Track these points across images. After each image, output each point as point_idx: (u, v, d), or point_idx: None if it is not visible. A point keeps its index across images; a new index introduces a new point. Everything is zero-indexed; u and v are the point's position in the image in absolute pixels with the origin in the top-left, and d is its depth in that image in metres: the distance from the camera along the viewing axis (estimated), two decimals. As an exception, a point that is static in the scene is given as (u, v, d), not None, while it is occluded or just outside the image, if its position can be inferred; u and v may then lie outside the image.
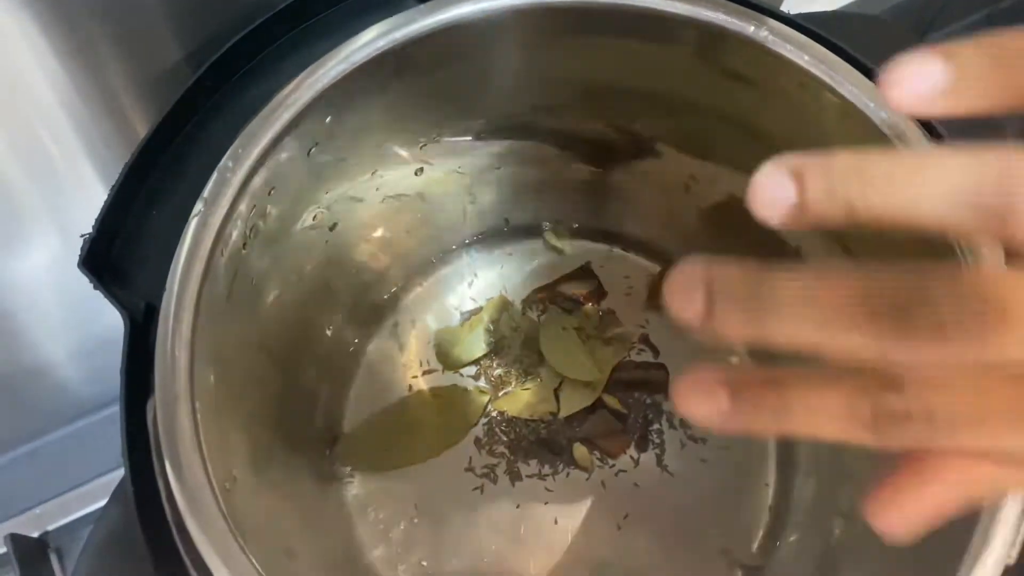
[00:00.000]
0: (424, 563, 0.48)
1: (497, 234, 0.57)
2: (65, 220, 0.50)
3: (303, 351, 0.47)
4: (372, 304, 0.54)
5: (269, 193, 0.38)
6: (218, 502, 0.31)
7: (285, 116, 0.36)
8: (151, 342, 0.36)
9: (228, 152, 0.35)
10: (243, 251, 0.37)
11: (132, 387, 0.35)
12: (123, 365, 0.36)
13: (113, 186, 0.38)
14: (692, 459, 0.51)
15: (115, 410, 0.69)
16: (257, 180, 0.36)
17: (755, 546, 0.49)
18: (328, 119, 0.38)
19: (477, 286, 0.56)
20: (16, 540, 0.60)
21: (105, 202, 0.38)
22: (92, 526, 0.36)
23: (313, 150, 0.39)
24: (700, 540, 0.49)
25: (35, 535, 0.62)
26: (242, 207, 0.36)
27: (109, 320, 0.60)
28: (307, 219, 0.43)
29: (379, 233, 0.51)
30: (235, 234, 0.36)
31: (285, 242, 0.42)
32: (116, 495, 0.36)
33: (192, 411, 0.32)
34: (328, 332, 0.50)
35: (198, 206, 0.34)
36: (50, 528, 0.63)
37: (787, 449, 0.51)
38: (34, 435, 0.67)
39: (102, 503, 0.63)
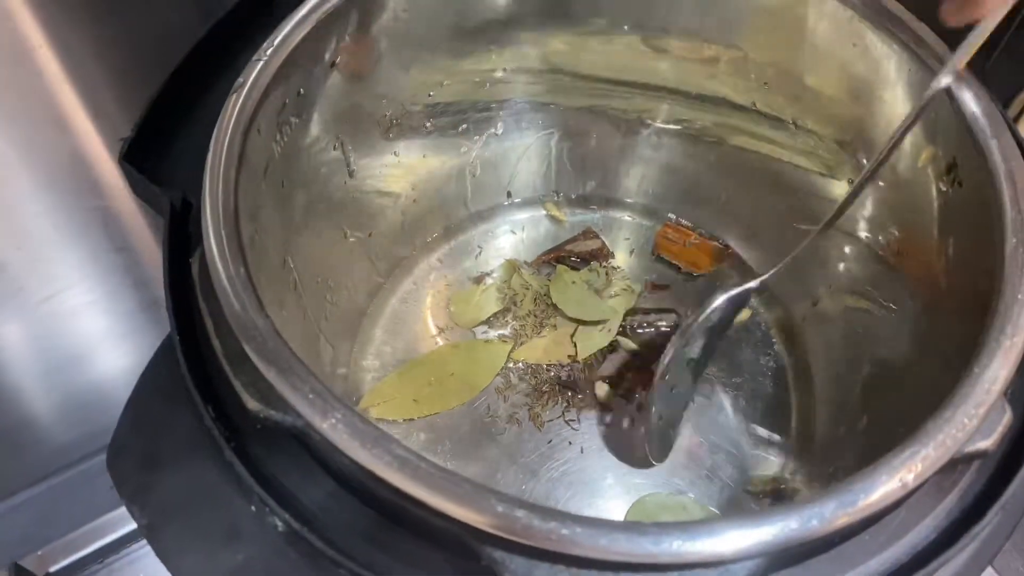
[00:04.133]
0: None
1: (499, 207, 0.59)
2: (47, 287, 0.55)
3: (324, 297, 0.48)
4: (386, 272, 0.55)
5: (299, 93, 0.40)
6: (272, 325, 0.31)
7: (315, 17, 0.39)
8: (187, 227, 0.38)
9: (264, 44, 0.38)
10: (275, 144, 0.39)
11: (173, 264, 0.36)
12: (165, 243, 0.37)
13: (151, 97, 0.41)
14: (715, 392, 0.52)
15: (100, 460, 0.70)
16: (288, 75, 0.39)
17: (779, 472, 0.49)
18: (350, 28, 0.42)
19: (484, 256, 0.57)
20: (19, 572, 0.58)
21: (143, 110, 0.40)
22: (135, 386, 0.35)
23: (338, 62, 0.42)
24: (723, 469, 0.49)
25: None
26: (275, 96, 0.38)
27: (89, 380, 0.63)
28: (329, 146, 0.45)
29: (388, 197, 0.53)
30: (270, 120, 0.38)
31: (309, 162, 0.44)
32: (155, 359, 0.36)
33: (240, 248, 0.33)
34: (346, 290, 0.51)
35: (237, 81, 0.37)
36: (52, 569, 0.61)
37: (807, 379, 0.52)
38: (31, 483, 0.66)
39: (103, 542, 0.62)
